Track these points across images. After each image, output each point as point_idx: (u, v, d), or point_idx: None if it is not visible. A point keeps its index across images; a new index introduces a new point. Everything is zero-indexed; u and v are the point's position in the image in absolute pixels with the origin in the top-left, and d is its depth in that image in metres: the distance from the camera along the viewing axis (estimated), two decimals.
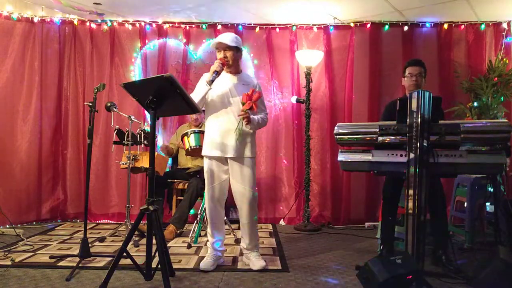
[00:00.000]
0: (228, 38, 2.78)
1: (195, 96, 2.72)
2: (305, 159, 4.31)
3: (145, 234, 2.56)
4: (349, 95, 4.49)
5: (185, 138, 3.68)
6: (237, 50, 2.82)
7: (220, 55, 2.78)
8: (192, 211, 4.01)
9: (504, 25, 4.39)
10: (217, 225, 2.90)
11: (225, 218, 3.25)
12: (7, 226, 3.99)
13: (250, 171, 2.85)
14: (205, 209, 3.51)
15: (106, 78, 4.46)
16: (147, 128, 3.78)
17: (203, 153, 2.89)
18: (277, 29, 4.57)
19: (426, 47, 4.46)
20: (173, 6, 4.12)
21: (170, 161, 4.42)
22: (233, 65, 2.83)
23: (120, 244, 2.66)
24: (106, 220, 4.48)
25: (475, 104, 4.17)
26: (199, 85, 2.79)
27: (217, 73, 2.70)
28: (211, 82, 2.70)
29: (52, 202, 4.49)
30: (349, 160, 2.56)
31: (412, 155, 2.35)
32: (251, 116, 2.74)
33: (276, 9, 4.17)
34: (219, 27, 4.55)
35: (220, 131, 2.79)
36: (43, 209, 4.43)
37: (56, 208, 4.49)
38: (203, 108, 2.90)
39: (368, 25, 4.46)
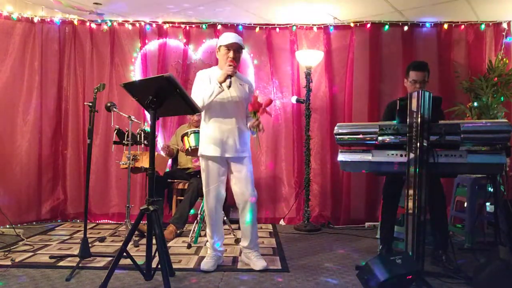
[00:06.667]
0: (239, 38, 2.78)
1: (205, 96, 2.65)
2: (305, 159, 4.31)
3: (145, 234, 2.56)
4: (349, 95, 4.48)
5: (185, 138, 3.68)
6: (242, 51, 2.84)
7: (230, 54, 2.71)
8: (192, 211, 4.01)
9: (504, 25, 4.39)
10: (217, 225, 2.90)
11: (225, 218, 3.25)
12: (7, 226, 3.99)
13: (250, 170, 2.86)
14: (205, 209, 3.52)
15: (106, 78, 4.46)
16: (147, 128, 3.78)
17: (201, 153, 2.85)
18: (277, 29, 4.57)
19: (426, 47, 4.45)
20: (173, 6, 4.12)
21: (170, 161, 4.42)
22: (236, 67, 2.84)
23: (120, 244, 2.66)
24: (106, 220, 4.48)
25: (475, 104, 4.16)
26: (207, 86, 2.71)
27: (230, 77, 2.66)
28: (228, 86, 2.66)
29: (52, 202, 4.49)
30: (349, 160, 2.56)
31: (412, 155, 2.36)
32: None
33: (276, 9, 4.17)
34: (219, 27, 4.55)
35: (219, 131, 2.78)
36: (43, 209, 4.43)
37: (56, 208, 4.49)
38: None
39: (368, 25, 4.46)
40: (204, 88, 2.71)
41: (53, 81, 4.47)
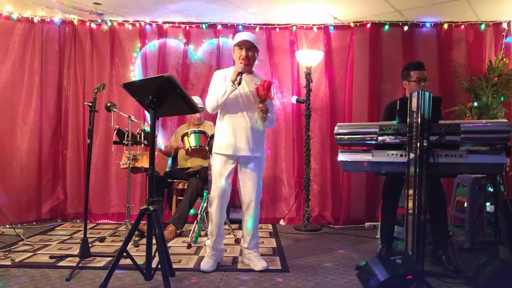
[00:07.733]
0: (252, 37, 2.78)
1: (218, 95, 2.68)
2: (305, 159, 4.31)
3: (145, 234, 2.56)
4: (349, 95, 4.48)
5: (185, 138, 3.68)
6: (256, 50, 2.84)
7: (242, 52, 2.74)
8: (192, 211, 4.01)
9: (504, 25, 4.39)
10: (220, 224, 2.89)
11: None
12: (7, 226, 3.99)
13: (260, 170, 2.87)
14: (205, 208, 3.52)
15: (106, 78, 4.46)
16: (147, 128, 3.78)
17: (214, 151, 2.85)
18: (277, 29, 4.57)
19: (426, 47, 4.45)
20: (173, 6, 4.12)
21: (170, 161, 4.42)
22: (251, 65, 2.83)
23: (120, 244, 2.66)
24: (106, 220, 4.48)
25: (475, 104, 4.16)
26: (220, 84, 2.74)
27: (241, 74, 2.67)
28: (238, 83, 2.66)
29: (52, 202, 4.48)
30: (349, 160, 2.56)
31: (412, 155, 2.36)
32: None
33: (276, 9, 4.17)
34: (219, 27, 4.56)
35: (233, 130, 2.77)
36: (43, 209, 4.43)
37: (56, 208, 4.49)
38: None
39: (368, 25, 4.46)
40: (218, 87, 2.72)
41: (53, 81, 4.46)
